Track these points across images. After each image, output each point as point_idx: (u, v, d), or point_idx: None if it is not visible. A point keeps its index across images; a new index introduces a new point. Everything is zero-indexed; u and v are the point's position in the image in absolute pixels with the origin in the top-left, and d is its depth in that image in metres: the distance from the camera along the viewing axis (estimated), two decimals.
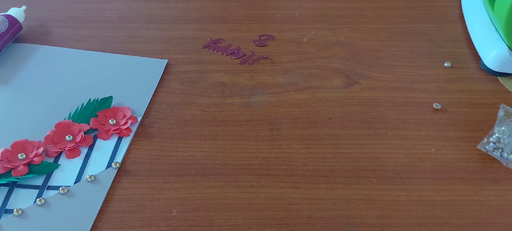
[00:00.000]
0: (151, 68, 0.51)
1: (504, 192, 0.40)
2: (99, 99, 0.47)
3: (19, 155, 0.41)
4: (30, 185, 0.40)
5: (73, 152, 0.43)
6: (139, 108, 0.47)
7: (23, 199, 0.39)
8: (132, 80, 0.50)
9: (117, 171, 0.41)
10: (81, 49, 0.53)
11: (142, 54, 0.52)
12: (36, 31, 0.56)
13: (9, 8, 0.55)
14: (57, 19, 0.58)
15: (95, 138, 0.44)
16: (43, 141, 0.43)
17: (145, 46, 0.54)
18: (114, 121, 0.45)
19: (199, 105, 0.47)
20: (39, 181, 0.40)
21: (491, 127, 0.45)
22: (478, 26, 0.54)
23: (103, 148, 0.43)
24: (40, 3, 0.60)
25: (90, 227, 0.37)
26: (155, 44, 0.54)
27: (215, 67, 0.51)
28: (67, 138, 0.43)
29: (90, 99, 0.47)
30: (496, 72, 0.51)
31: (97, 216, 0.38)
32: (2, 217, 0.38)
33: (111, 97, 0.47)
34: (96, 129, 0.45)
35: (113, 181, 0.40)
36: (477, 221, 0.38)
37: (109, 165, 0.42)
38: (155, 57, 0.52)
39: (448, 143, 0.44)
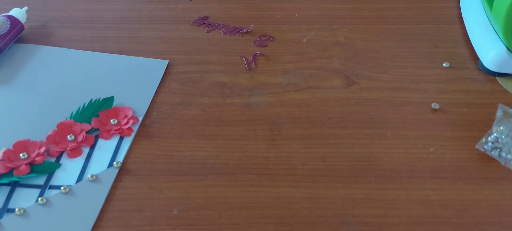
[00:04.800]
0: (152, 69, 0.51)
1: (502, 191, 0.41)
2: (100, 99, 0.47)
3: (21, 154, 0.42)
4: (31, 184, 0.40)
5: (74, 152, 0.43)
6: (140, 108, 0.47)
7: (25, 198, 0.39)
8: (133, 80, 0.50)
9: (119, 171, 0.41)
10: (83, 49, 0.53)
11: (143, 54, 0.53)
12: (38, 32, 0.56)
13: (11, 9, 0.55)
14: (58, 19, 0.58)
15: (96, 137, 0.44)
16: (45, 140, 0.43)
17: (146, 46, 0.54)
18: (116, 121, 0.45)
19: (200, 105, 0.48)
20: (40, 181, 0.41)
21: (489, 126, 0.45)
22: (477, 27, 0.55)
23: (105, 148, 0.44)
24: (42, 3, 0.60)
25: (92, 226, 0.37)
26: (156, 44, 0.55)
27: (216, 68, 0.52)
28: (68, 137, 0.43)
29: (91, 99, 0.47)
30: (494, 72, 0.51)
31: (99, 215, 0.38)
32: (4, 217, 0.38)
33: (112, 97, 0.48)
34: (98, 129, 0.45)
35: (115, 181, 0.41)
36: (475, 220, 0.39)
37: (110, 165, 0.42)
38: (156, 58, 0.52)
39: (446, 143, 0.45)
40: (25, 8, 0.56)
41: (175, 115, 0.47)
